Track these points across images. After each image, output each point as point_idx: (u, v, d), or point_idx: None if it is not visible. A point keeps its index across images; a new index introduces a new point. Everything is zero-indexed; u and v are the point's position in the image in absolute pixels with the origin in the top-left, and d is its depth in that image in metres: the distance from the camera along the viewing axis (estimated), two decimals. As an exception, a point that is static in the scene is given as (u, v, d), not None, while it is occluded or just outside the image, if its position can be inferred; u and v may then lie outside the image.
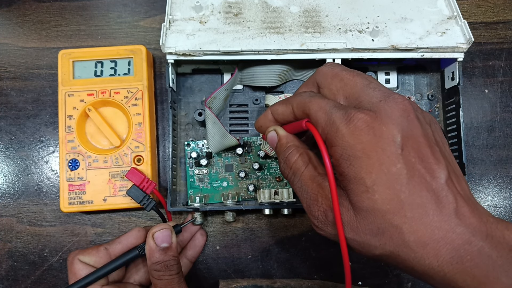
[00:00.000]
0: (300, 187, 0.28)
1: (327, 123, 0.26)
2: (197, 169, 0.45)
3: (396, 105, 0.25)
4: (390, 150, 0.24)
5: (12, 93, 0.48)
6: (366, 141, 0.24)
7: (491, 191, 0.47)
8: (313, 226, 0.28)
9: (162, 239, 0.36)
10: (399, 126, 0.24)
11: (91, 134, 0.44)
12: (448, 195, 0.23)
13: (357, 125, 0.24)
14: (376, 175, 0.24)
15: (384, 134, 0.24)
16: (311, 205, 0.28)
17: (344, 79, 0.28)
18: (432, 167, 0.24)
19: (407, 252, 0.23)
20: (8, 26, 0.50)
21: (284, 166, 0.30)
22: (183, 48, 0.40)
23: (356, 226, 0.25)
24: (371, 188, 0.24)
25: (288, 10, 0.43)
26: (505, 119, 0.48)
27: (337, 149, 0.25)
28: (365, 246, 0.25)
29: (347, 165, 0.25)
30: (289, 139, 0.30)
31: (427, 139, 0.25)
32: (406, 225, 0.23)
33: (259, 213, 0.46)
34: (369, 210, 0.24)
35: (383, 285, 0.45)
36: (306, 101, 0.28)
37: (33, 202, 0.46)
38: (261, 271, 0.45)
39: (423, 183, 0.24)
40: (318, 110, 0.27)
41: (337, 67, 0.29)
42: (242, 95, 0.46)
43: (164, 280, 0.35)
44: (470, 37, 0.40)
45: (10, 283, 0.45)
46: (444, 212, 0.23)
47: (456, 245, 0.22)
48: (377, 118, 0.24)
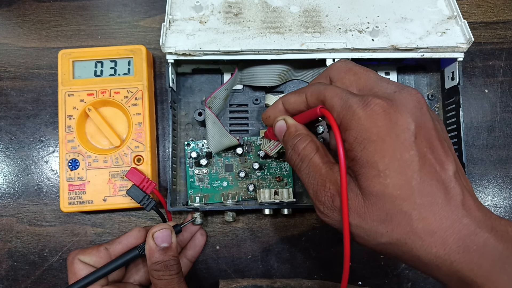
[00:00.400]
0: (307, 173, 0.29)
1: (343, 107, 0.26)
2: (197, 169, 0.45)
3: (410, 96, 0.26)
4: (404, 137, 0.24)
5: (12, 93, 0.48)
6: (381, 125, 0.25)
7: (491, 191, 0.47)
8: (318, 212, 0.28)
9: (162, 239, 0.36)
10: (413, 115, 0.25)
11: (91, 134, 0.44)
12: (456, 187, 0.24)
13: (374, 109, 0.25)
14: (389, 159, 0.24)
15: (399, 121, 0.25)
16: (318, 190, 0.28)
17: (358, 73, 0.29)
18: (442, 159, 0.25)
19: (415, 239, 0.24)
20: (8, 26, 0.50)
21: (292, 152, 0.30)
22: (183, 48, 0.40)
23: (364, 212, 0.25)
24: (383, 172, 0.24)
25: (288, 10, 0.43)
26: (505, 119, 0.48)
27: (352, 132, 0.26)
28: (371, 233, 0.25)
29: (361, 148, 0.25)
30: (298, 128, 0.31)
31: (437, 132, 0.26)
32: (415, 211, 0.23)
33: (259, 213, 0.46)
34: (379, 195, 0.24)
35: (383, 285, 0.45)
36: (321, 88, 0.29)
37: (33, 202, 0.46)
38: (261, 271, 0.45)
39: (433, 172, 0.24)
40: (334, 96, 0.27)
41: (350, 63, 0.30)
42: (242, 95, 0.46)
43: (164, 280, 0.35)
44: (470, 37, 0.40)
45: (10, 283, 0.45)
46: (452, 202, 0.23)
47: (463, 235, 0.23)
48: (393, 105, 0.25)
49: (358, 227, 0.25)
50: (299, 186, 0.45)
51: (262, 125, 0.46)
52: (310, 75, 0.45)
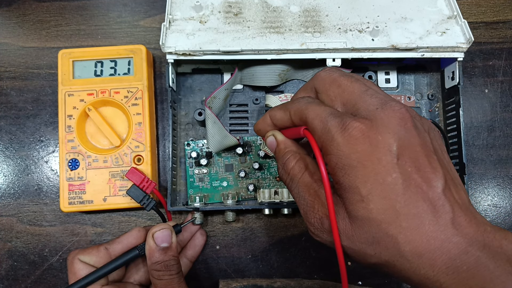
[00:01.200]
0: (297, 193, 0.28)
1: (322, 131, 0.26)
2: (197, 168, 0.45)
3: (393, 113, 0.25)
4: (386, 160, 0.23)
5: (12, 92, 0.48)
6: (361, 151, 0.24)
7: (491, 191, 0.47)
8: (309, 232, 0.28)
9: (162, 239, 0.36)
10: (395, 135, 0.24)
11: (91, 133, 0.44)
12: (445, 204, 0.23)
13: (352, 134, 0.24)
14: (371, 185, 0.23)
15: (379, 144, 0.24)
16: (307, 212, 0.27)
17: (342, 85, 0.28)
18: (429, 176, 0.24)
19: (403, 262, 0.23)
20: (8, 26, 0.50)
21: (282, 172, 0.30)
22: (183, 47, 0.40)
23: (352, 235, 0.25)
24: (366, 198, 0.23)
25: (288, 9, 0.43)
26: (505, 119, 0.48)
27: (332, 157, 0.25)
28: (360, 255, 0.25)
29: (342, 174, 0.24)
30: (287, 145, 0.30)
31: (425, 147, 0.25)
32: (401, 235, 0.23)
33: (259, 213, 0.46)
34: (364, 220, 0.24)
35: (383, 284, 0.45)
36: (303, 108, 0.28)
37: (33, 202, 0.46)
38: (261, 271, 0.45)
39: (419, 192, 0.23)
40: (314, 118, 0.26)
41: (335, 73, 0.29)
42: (242, 95, 0.46)
43: (164, 280, 0.35)
44: (470, 37, 0.40)
45: (10, 283, 0.45)
46: (441, 222, 0.23)
47: (452, 255, 0.22)
48: (373, 127, 0.24)
49: (348, 248, 0.25)
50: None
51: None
52: (310, 75, 0.45)
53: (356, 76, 0.29)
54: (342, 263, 0.25)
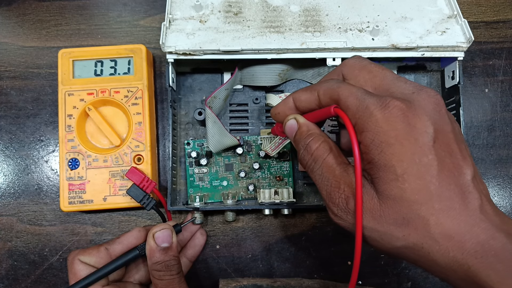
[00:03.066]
0: (320, 174, 0.28)
1: (359, 108, 0.26)
2: (197, 168, 0.45)
3: (429, 98, 0.25)
4: (423, 141, 0.24)
5: (12, 92, 0.48)
6: (400, 129, 0.24)
7: (491, 191, 0.47)
8: (331, 215, 0.28)
9: (162, 239, 0.36)
10: (432, 118, 0.24)
11: (91, 133, 0.44)
12: (474, 191, 0.24)
13: (392, 112, 0.24)
14: (407, 164, 0.24)
15: (417, 124, 0.24)
16: (331, 192, 0.27)
17: (373, 71, 0.28)
18: (460, 163, 0.24)
19: (432, 244, 0.23)
20: (8, 25, 0.50)
21: (304, 153, 0.29)
22: (183, 47, 0.40)
23: (380, 215, 0.24)
24: (401, 177, 0.24)
25: (288, 9, 0.43)
26: (505, 119, 0.48)
27: (369, 134, 0.25)
28: (386, 237, 0.25)
29: (378, 151, 0.24)
30: (310, 127, 0.30)
31: (455, 135, 0.25)
32: (433, 216, 0.23)
33: (259, 213, 0.46)
34: (396, 199, 0.24)
35: (383, 284, 0.45)
36: (335, 87, 0.27)
37: (33, 202, 0.46)
38: (261, 271, 0.45)
39: (452, 177, 0.24)
40: (349, 95, 0.26)
41: (365, 60, 0.29)
42: (242, 95, 0.46)
43: (165, 280, 0.35)
44: (470, 36, 0.40)
45: (10, 282, 0.45)
46: (470, 207, 0.23)
47: (481, 239, 0.23)
48: (411, 108, 0.24)
49: (373, 230, 0.25)
50: (299, 186, 0.45)
51: (262, 125, 0.46)
52: (310, 75, 0.45)
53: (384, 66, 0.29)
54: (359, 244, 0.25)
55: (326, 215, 0.46)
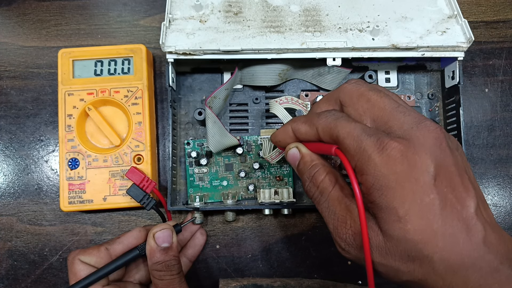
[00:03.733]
0: (327, 207, 0.28)
1: (357, 151, 0.25)
2: (197, 168, 0.45)
3: (429, 133, 0.25)
4: (424, 180, 0.24)
5: (12, 92, 0.48)
6: (399, 172, 0.24)
7: (491, 190, 0.47)
8: (338, 248, 0.28)
9: (163, 239, 0.36)
10: (432, 155, 0.24)
11: (91, 133, 0.44)
12: (477, 223, 0.24)
13: (391, 154, 0.24)
14: (409, 205, 0.23)
15: (418, 164, 0.24)
16: (338, 227, 0.27)
17: (371, 100, 0.27)
18: (462, 196, 0.24)
19: (436, 279, 0.24)
20: (8, 25, 0.49)
21: (310, 185, 0.29)
22: (183, 47, 0.40)
23: (385, 252, 0.25)
24: (403, 218, 0.23)
25: (288, 9, 0.43)
26: (505, 118, 0.48)
27: (369, 178, 0.25)
28: (392, 271, 0.25)
29: (379, 194, 0.24)
30: (314, 157, 0.29)
31: (457, 167, 0.25)
32: (437, 254, 0.23)
33: (259, 213, 0.46)
34: (400, 239, 0.24)
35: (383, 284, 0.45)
36: (332, 125, 0.27)
37: (33, 201, 0.46)
38: (261, 270, 0.45)
39: (455, 212, 0.24)
40: (346, 137, 0.26)
41: (363, 86, 0.28)
42: (242, 94, 0.46)
43: (165, 280, 0.35)
44: (470, 36, 0.40)
45: (10, 282, 0.45)
46: (474, 240, 0.23)
47: (485, 272, 0.23)
48: (410, 147, 0.24)
49: (380, 264, 0.25)
50: (299, 186, 0.45)
51: (262, 125, 0.46)
52: (310, 74, 0.45)
53: (384, 90, 0.28)
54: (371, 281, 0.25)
55: (326, 215, 0.46)
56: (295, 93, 0.47)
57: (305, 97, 0.45)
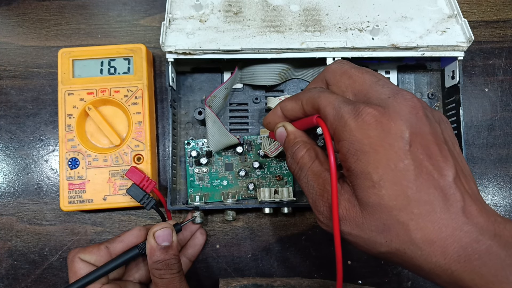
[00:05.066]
0: (306, 182, 0.28)
1: (335, 118, 0.26)
2: (197, 168, 0.45)
3: (405, 101, 0.25)
4: (398, 146, 0.24)
5: (12, 92, 0.48)
6: (374, 136, 0.24)
7: (491, 190, 0.47)
8: (318, 221, 0.28)
9: (163, 238, 0.36)
10: (407, 122, 0.24)
11: (91, 133, 0.44)
12: (456, 193, 0.23)
13: (365, 120, 0.24)
14: (383, 170, 0.24)
15: (392, 130, 0.24)
16: (316, 200, 0.27)
17: (353, 76, 0.28)
18: (440, 165, 0.24)
19: (414, 249, 0.23)
20: (8, 25, 0.50)
21: (291, 161, 0.30)
22: (183, 46, 0.40)
23: (362, 222, 0.25)
24: (377, 184, 0.24)
25: (288, 8, 0.43)
26: (505, 118, 0.48)
27: (345, 143, 0.25)
28: (370, 243, 0.25)
29: (354, 160, 0.25)
30: (297, 135, 0.30)
31: (435, 136, 0.25)
32: (412, 222, 0.23)
33: (259, 212, 0.46)
34: (375, 206, 0.24)
35: (383, 283, 0.45)
36: (315, 96, 0.28)
37: (33, 201, 0.46)
38: (261, 270, 0.45)
39: (431, 180, 0.23)
40: (327, 105, 0.27)
41: (346, 65, 0.29)
42: (242, 94, 0.46)
43: (166, 279, 0.35)
44: (470, 36, 0.40)
45: (10, 282, 0.45)
46: (452, 210, 0.23)
47: (464, 243, 0.22)
48: (385, 114, 0.24)
49: (358, 236, 0.25)
50: (299, 185, 0.45)
51: (262, 124, 0.46)
52: (310, 74, 0.45)
53: (366, 68, 0.29)
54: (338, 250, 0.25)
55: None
56: (295, 92, 0.47)
57: (305, 96, 0.45)
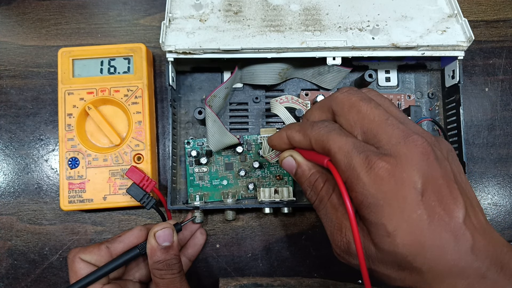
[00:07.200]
0: (325, 214, 0.29)
1: (347, 167, 0.26)
2: (197, 167, 0.45)
3: (415, 148, 0.25)
4: (411, 197, 0.24)
5: (12, 91, 0.48)
6: (387, 190, 0.24)
7: (491, 190, 0.47)
8: (334, 253, 0.29)
9: (164, 238, 0.36)
10: (419, 171, 0.24)
11: (91, 132, 0.44)
12: (466, 233, 0.24)
13: (378, 174, 0.25)
14: (397, 221, 0.24)
15: (405, 182, 0.24)
16: (334, 233, 0.28)
17: (362, 111, 0.27)
18: (451, 207, 0.24)
19: (425, 287, 0.25)
20: (8, 24, 0.49)
21: (312, 193, 0.30)
22: (183, 46, 0.40)
23: (378, 261, 0.26)
24: (392, 234, 0.24)
25: (288, 8, 0.43)
26: (505, 118, 0.48)
27: (358, 195, 0.25)
28: (384, 278, 0.26)
29: (368, 211, 0.25)
30: (310, 165, 0.30)
31: (446, 178, 0.25)
32: (425, 266, 0.24)
33: (259, 212, 0.46)
34: (390, 252, 0.25)
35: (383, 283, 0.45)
36: (324, 138, 0.27)
37: (33, 201, 0.46)
38: (261, 270, 0.45)
39: (442, 224, 0.24)
40: (337, 152, 0.26)
41: (354, 95, 0.28)
42: (242, 94, 0.46)
43: (166, 279, 0.35)
44: (470, 35, 0.40)
45: (10, 281, 0.45)
46: (462, 250, 0.24)
47: (472, 280, 0.23)
48: (397, 165, 0.24)
49: (374, 271, 0.27)
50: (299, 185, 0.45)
51: (262, 124, 0.46)
52: (310, 74, 0.45)
53: (377, 98, 0.29)
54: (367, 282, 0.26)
55: (326, 214, 0.46)
56: (295, 92, 0.47)
57: (305, 96, 0.45)
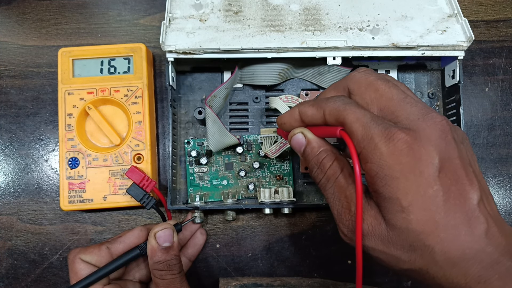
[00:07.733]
0: (332, 194, 0.28)
1: (364, 137, 0.25)
2: (197, 167, 0.44)
3: (434, 125, 0.25)
4: (428, 173, 0.24)
5: (12, 91, 0.48)
6: (405, 163, 0.24)
7: (491, 190, 0.47)
8: (340, 234, 0.28)
9: (164, 239, 0.36)
10: (437, 148, 0.24)
11: (91, 132, 0.44)
12: (480, 216, 0.24)
13: (397, 145, 0.24)
14: (412, 196, 0.24)
15: (423, 156, 0.24)
16: (342, 213, 0.27)
17: (380, 89, 0.27)
18: (466, 189, 0.24)
19: (436, 270, 0.24)
20: (8, 24, 0.49)
21: (318, 171, 0.29)
22: (183, 46, 0.40)
23: (387, 240, 0.25)
24: (406, 209, 0.24)
25: (288, 8, 0.43)
26: (505, 118, 0.48)
27: (373, 166, 0.25)
28: (393, 260, 0.25)
29: (383, 184, 0.25)
30: (321, 143, 0.29)
31: (462, 160, 0.25)
32: (438, 245, 0.23)
33: (259, 212, 0.46)
34: (402, 229, 0.24)
35: (383, 283, 0.45)
36: (341, 108, 0.27)
37: (33, 201, 0.46)
38: (261, 270, 0.45)
39: (457, 204, 0.24)
40: (354, 121, 0.26)
41: (371, 75, 0.28)
42: (242, 94, 0.46)
43: (167, 279, 0.35)
44: (470, 35, 0.40)
45: (10, 281, 0.45)
46: (475, 232, 0.23)
47: (485, 264, 0.23)
48: (417, 139, 0.24)
49: (381, 252, 0.26)
50: (299, 185, 0.45)
51: (262, 124, 0.46)
52: (310, 74, 0.45)
53: (393, 80, 0.28)
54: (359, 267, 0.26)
55: (326, 214, 0.46)
56: (295, 92, 0.47)
57: (305, 96, 0.45)
